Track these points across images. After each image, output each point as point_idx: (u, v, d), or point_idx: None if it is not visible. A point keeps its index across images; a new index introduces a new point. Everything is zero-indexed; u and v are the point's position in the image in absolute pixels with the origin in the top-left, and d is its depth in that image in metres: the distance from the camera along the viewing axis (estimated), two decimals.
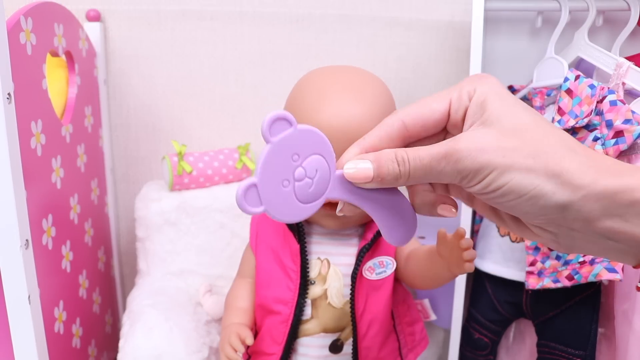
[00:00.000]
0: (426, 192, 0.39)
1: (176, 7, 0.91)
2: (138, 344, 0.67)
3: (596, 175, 0.34)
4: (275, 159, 0.36)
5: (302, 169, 0.37)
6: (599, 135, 0.63)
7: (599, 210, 0.34)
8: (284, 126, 0.36)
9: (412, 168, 0.35)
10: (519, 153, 0.34)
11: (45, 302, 0.65)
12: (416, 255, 0.62)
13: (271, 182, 0.36)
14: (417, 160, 0.35)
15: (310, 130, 0.37)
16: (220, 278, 0.87)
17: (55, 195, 0.70)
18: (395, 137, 0.37)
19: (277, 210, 0.36)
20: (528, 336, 0.75)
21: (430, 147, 0.35)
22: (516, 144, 0.34)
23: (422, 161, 0.35)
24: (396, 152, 0.36)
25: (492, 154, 0.34)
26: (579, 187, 0.34)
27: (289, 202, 0.36)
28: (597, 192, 0.34)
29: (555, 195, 0.34)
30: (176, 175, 0.84)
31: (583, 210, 0.34)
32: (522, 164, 0.34)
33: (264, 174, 0.35)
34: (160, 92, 0.94)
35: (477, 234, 0.75)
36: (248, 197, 0.35)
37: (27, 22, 0.61)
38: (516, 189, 0.34)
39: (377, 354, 0.62)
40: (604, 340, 0.69)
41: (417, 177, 0.35)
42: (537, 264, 0.67)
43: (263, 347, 0.63)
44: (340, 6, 0.91)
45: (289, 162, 0.36)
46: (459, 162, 0.34)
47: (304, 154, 0.37)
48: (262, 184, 0.35)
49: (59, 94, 0.76)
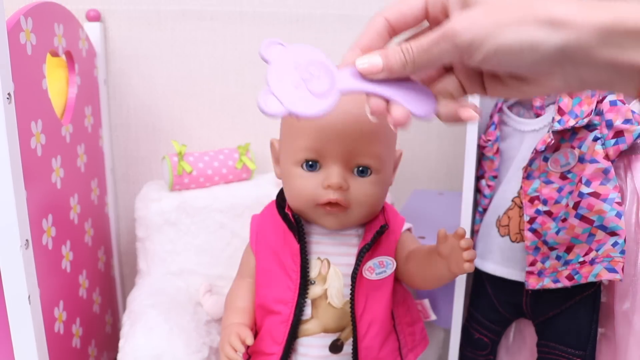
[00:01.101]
0: (448, 103, 0.43)
1: (176, 7, 0.91)
2: (138, 344, 0.67)
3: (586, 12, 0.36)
4: (279, 70, 0.42)
5: (307, 73, 0.43)
6: (599, 135, 0.63)
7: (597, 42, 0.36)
8: (277, 47, 0.43)
9: (416, 54, 0.39)
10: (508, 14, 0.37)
11: (45, 302, 0.65)
12: (416, 255, 0.62)
13: (283, 87, 0.41)
14: (419, 47, 0.39)
15: (300, 45, 0.44)
16: (220, 278, 0.87)
17: (55, 195, 0.70)
18: (382, 33, 0.42)
19: (298, 107, 0.41)
20: (528, 336, 0.75)
21: (428, 33, 0.39)
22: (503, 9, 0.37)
23: (423, 46, 0.39)
24: (400, 44, 0.40)
25: (483, 21, 0.37)
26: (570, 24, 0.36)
27: (306, 99, 0.42)
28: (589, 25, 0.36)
29: (551, 38, 0.36)
30: (176, 175, 0.84)
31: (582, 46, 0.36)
32: (512, 21, 0.37)
33: (274, 83, 0.41)
34: (161, 92, 0.94)
35: (477, 234, 0.75)
36: (269, 103, 0.41)
37: (27, 22, 0.61)
38: (513, 44, 0.37)
39: (377, 354, 0.62)
40: (604, 340, 0.69)
41: (421, 62, 0.40)
42: (537, 264, 0.67)
43: (263, 347, 0.63)
44: (340, 6, 0.91)
45: (292, 70, 0.42)
46: (456, 36, 0.38)
47: (302, 61, 0.43)
48: (276, 90, 0.41)
49: (59, 94, 0.76)
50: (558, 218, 0.65)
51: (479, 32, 0.37)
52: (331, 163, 0.59)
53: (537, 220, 0.66)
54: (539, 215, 0.66)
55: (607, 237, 0.62)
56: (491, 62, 0.38)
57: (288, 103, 0.41)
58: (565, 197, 0.65)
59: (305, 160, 0.60)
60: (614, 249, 0.61)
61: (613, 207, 0.61)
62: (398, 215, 0.68)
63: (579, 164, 0.64)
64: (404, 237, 0.65)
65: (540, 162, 0.67)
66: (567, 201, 0.64)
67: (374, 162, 0.59)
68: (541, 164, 0.67)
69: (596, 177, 0.62)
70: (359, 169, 0.60)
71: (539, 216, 0.66)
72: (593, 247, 0.63)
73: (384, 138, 0.60)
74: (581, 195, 0.62)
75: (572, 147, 0.65)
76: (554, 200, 0.66)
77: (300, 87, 0.42)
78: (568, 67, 0.38)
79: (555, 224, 0.65)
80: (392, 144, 0.63)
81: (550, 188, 0.66)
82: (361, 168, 0.60)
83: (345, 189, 0.59)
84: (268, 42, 0.43)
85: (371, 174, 0.60)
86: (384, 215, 0.64)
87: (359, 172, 0.60)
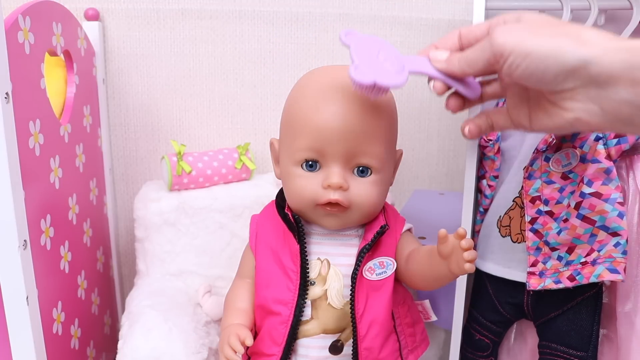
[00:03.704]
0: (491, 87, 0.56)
1: (175, 6, 0.90)
2: (137, 344, 0.67)
3: (611, 39, 0.41)
4: (360, 49, 0.51)
5: (381, 56, 0.51)
6: (600, 135, 0.63)
7: (619, 64, 0.40)
8: (354, 35, 0.52)
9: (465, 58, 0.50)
10: (542, 29, 0.44)
11: (44, 303, 0.65)
12: (417, 255, 0.61)
13: (367, 61, 0.50)
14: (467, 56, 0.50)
15: (370, 35, 0.54)
16: (220, 279, 0.87)
17: (54, 195, 0.70)
18: (455, 41, 0.54)
19: (382, 78, 0.49)
20: (529, 337, 0.75)
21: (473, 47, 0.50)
22: (539, 26, 0.45)
23: (469, 55, 0.50)
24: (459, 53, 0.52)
25: (519, 32, 0.45)
26: (596, 44, 0.41)
27: (387, 72, 0.50)
28: (614, 47, 0.41)
29: (577, 51, 0.41)
30: (175, 175, 0.84)
31: (604, 63, 0.41)
32: (544, 34, 0.43)
33: (360, 60, 0.50)
34: (160, 92, 0.94)
35: (478, 235, 0.75)
36: (359, 74, 0.48)
37: (25, 21, 0.61)
38: (541, 51, 0.43)
39: (377, 354, 0.62)
40: (606, 342, 0.68)
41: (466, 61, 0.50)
42: (539, 264, 0.66)
43: (262, 348, 0.62)
44: (340, 5, 0.91)
45: (369, 52, 0.51)
46: (493, 41, 0.45)
47: (375, 47, 0.52)
48: (363, 64, 0.49)
49: (58, 93, 0.76)
50: (559, 218, 0.65)
51: (513, 40, 0.44)
52: (331, 163, 0.58)
53: (538, 220, 0.66)
54: (540, 216, 0.66)
55: (609, 237, 0.61)
56: (520, 68, 0.44)
57: (374, 74, 0.49)
58: (566, 197, 0.65)
59: (305, 160, 0.59)
60: (615, 249, 0.61)
61: (615, 208, 0.61)
62: (398, 215, 0.67)
63: (580, 164, 0.64)
64: (404, 237, 0.65)
65: (542, 162, 0.66)
66: (568, 201, 0.64)
67: (374, 162, 0.59)
68: (542, 163, 0.66)
69: (598, 177, 0.62)
70: (359, 169, 0.59)
71: (540, 216, 0.66)
72: (595, 247, 0.62)
73: (384, 138, 0.60)
74: (583, 196, 0.62)
75: (573, 147, 0.65)
76: (556, 201, 0.65)
77: (379, 64, 0.51)
78: (591, 90, 0.42)
79: (557, 224, 0.65)
80: (393, 144, 0.63)
81: (552, 188, 0.66)
82: (361, 168, 0.59)
83: (346, 189, 0.58)
84: (346, 31, 0.52)
85: (371, 174, 0.60)
86: (385, 215, 0.64)
87: (359, 172, 0.59)
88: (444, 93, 0.55)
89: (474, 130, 0.57)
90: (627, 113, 0.42)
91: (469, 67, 0.50)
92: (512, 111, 0.53)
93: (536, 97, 0.50)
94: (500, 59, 0.45)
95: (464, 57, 0.50)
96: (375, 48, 0.52)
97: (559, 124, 0.47)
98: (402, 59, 0.52)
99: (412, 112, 0.58)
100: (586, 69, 0.41)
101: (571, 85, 0.43)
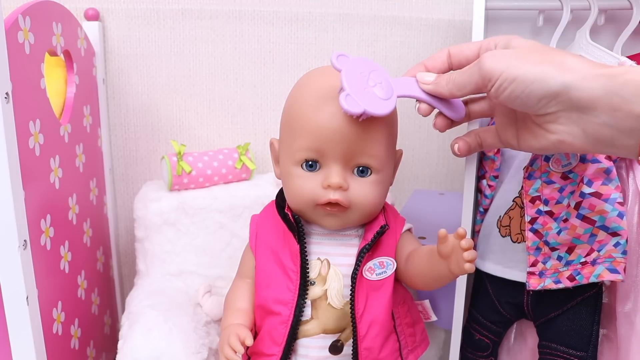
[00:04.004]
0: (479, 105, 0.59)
1: (175, 6, 0.90)
2: (137, 344, 0.67)
3: (592, 66, 0.44)
4: (351, 75, 0.52)
5: (371, 80, 0.53)
6: None
7: (599, 90, 0.43)
8: (345, 58, 0.53)
9: (452, 81, 0.52)
10: (529, 56, 0.46)
11: (44, 303, 0.65)
12: (416, 255, 0.61)
13: (357, 89, 0.52)
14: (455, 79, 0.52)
15: (361, 58, 0.54)
16: (220, 279, 0.87)
17: (54, 195, 0.70)
18: (444, 60, 0.56)
19: (372, 106, 0.52)
20: (529, 337, 0.75)
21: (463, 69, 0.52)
22: (527, 53, 0.47)
23: (457, 78, 0.52)
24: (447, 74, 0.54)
25: (507, 57, 0.47)
26: (578, 70, 0.44)
27: (376, 100, 0.53)
28: (594, 74, 0.43)
29: (559, 77, 0.44)
30: (175, 175, 0.84)
31: (584, 89, 0.43)
32: (531, 60, 0.46)
33: (350, 86, 0.51)
34: (160, 92, 0.94)
35: (478, 235, 0.75)
36: (350, 103, 0.51)
37: (25, 21, 0.61)
38: (527, 75, 0.45)
39: (377, 354, 0.62)
40: (606, 342, 0.68)
41: (456, 84, 0.52)
42: (539, 264, 0.66)
43: (262, 348, 0.62)
44: (340, 5, 0.91)
45: (360, 76, 0.53)
46: (481, 65, 0.48)
47: (366, 71, 0.53)
48: (353, 92, 0.51)
49: (58, 93, 0.76)
50: (559, 218, 0.65)
51: (501, 65, 0.47)
52: (331, 163, 0.58)
53: (538, 220, 0.66)
54: (540, 216, 0.66)
55: (609, 237, 0.61)
56: (506, 91, 0.47)
57: (363, 103, 0.51)
58: (566, 197, 0.65)
59: (305, 160, 0.59)
60: (615, 249, 0.61)
61: (615, 208, 0.61)
62: (398, 215, 0.67)
63: (580, 164, 0.63)
64: (404, 237, 0.65)
65: (542, 162, 0.66)
66: (568, 201, 0.64)
67: (374, 162, 0.59)
68: (542, 163, 0.66)
69: (598, 177, 0.62)
70: (359, 169, 0.59)
71: (540, 216, 0.66)
72: (595, 247, 0.62)
73: (384, 138, 0.60)
74: (583, 196, 0.61)
75: None
76: (555, 201, 0.65)
77: (369, 91, 0.53)
78: (573, 114, 0.45)
79: (557, 224, 0.65)
80: (393, 144, 0.63)
81: (552, 188, 0.66)
82: (361, 168, 0.59)
83: (345, 188, 0.58)
84: (337, 54, 0.52)
85: (371, 174, 0.60)
86: (384, 215, 0.64)
87: (359, 172, 0.59)
88: (429, 115, 0.57)
89: (463, 148, 0.59)
90: (607, 135, 0.45)
91: (457, 90, 0.52)
92: (500, 131, 0.56)
93: (523, 118, 0.52)
94: (489, 83, 0.48)
95: (452, 80, 0.52)
96: (367, 71, 0.54)
97: (544, 144, 0.50)
98: (390, 83, 0.55)
99: (412, 112, 0.58)
100: (567, 94, 0.44)
101: (554, 109, 0.46)
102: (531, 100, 0.46)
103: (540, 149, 0.52)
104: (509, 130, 0.55)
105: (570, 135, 0.47)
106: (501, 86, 0.47)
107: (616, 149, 0.46)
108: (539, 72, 0.45)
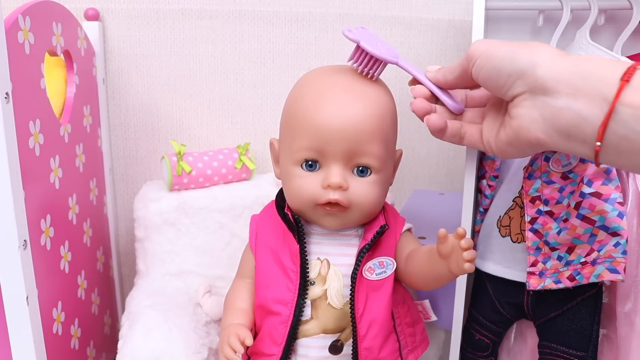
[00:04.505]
0: None
1: (175, 6, 0.90)
2: (137, 344, 0.67)
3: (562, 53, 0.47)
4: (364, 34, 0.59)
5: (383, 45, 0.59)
6: None
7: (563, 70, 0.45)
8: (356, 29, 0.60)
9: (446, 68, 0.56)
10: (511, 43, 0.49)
11: (44, 303, 0.65)
12: (416, 255, 0.61)
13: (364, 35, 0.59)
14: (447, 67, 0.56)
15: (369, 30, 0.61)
16: (220, 279, 0.87)
17: (54, 195, 0.70)
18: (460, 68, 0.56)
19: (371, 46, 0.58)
20: (529, 337, 0.75)
21: None
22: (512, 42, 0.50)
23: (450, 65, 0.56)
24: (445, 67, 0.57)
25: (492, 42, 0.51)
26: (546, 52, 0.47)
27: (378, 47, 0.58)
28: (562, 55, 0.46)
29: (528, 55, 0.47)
30: (175, 175, 0.84)
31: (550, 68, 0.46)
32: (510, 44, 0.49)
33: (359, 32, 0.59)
34: (160, 92, 0.94)
35: (478, 234, 0.75)
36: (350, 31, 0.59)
37: (25, 21, 0.61)
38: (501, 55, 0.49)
39: (377, 354, 0.62)
40: (606, 342, 0.68)
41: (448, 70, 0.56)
42: (539, 264, 0.66)
43: (262, 347, 0.62)
44: (340, 5, 0.91)
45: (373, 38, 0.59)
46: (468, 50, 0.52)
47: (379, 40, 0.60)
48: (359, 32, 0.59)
49: (58, 93, 0.76)
50: (559, 218, 0.65)
51: (483, 47, 0.51)
52: (331, 163, 0.58)
53: (538, 220, 0.66)
54: (540, 216, 0.66)
55: (609, 237, 0.61)
56: (483, 69, 0.50)
57: (362, 38, 0.57)
58: (566, 197, 0.65)
59: (304, 160, 0.59)
60: (615, 249, 0.61)
61: (615, 208, 0.60)
62: (398, 215, 0.67)
63: (580, 164, 0.63)
64: (404, 237, 0.65)
65: (542, 162, 0.66)
66: (568, 201, 0.64)
67: (374, 161, 0.59)
68: (542, 163, 0.66)
69: (598, 177, 0.61)
70: (359, 168, 0.59)
71: (540, 216, 0.66)
72: (595, 247, 0.62)
73: (384, 138, 0.60)
74: (583, 196, 0.61)
75: None
76: (555, 201, 0.65)
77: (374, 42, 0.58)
78: (537, 97, 0.47)
79: (557, 224, 0.65)
80: (392, 144, 0.63)
81: (552, 188, 0.66)
82: (361, 168, 0.59)
83: (345, 188, 0.58)
84: (347, 29, 0.59)
85: (371, 174, 0.60)
86: (384, 215, 0.64)
87: (359, 172, 0.59)
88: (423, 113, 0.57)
89: (437, 123, 0.55)
90: (564, 122, 0.45)
91: (449, 73, 0.55)
92: (485, 127, 0.56)
93: (504, 113, 0.53)
94: (470, 62, 0.51)
95: (446, 67, 0.57)
96: (380, 40, 0.59)
97: (508, 134, 0.51)
98: (398, 54, 0.59)
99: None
100: (533, 71, 0.46)
101: (520, 89, 0.48)
102: (501, 79, 0.49)
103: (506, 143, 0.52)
104: (493, 126, 0.55)
105: (528, 119, 0.48)
106: (479, 65, 0.50)
107: (573, 142, 0.46)
108: (511, 52, 0.48)
